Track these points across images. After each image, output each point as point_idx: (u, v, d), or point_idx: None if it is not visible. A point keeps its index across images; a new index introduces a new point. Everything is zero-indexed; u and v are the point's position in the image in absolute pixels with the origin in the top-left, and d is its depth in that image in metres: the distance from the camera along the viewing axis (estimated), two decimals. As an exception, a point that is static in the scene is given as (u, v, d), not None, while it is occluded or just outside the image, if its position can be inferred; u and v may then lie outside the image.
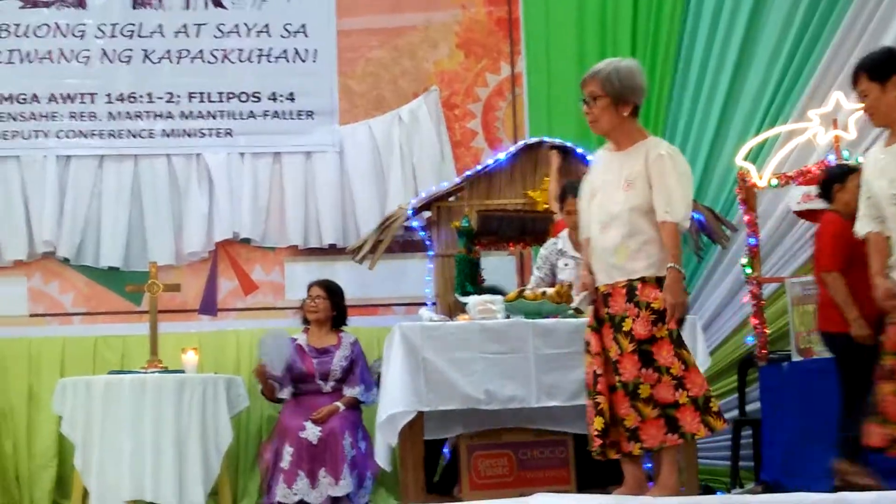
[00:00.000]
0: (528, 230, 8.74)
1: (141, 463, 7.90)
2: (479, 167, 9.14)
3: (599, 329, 6.05)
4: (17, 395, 9.06)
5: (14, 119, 9.42)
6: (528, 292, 7.30)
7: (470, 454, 7.20)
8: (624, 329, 5.85)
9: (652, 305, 5.82)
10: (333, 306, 8.62)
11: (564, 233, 7.99)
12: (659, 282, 5.85)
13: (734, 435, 8.49)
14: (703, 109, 9.57)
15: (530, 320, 7.07)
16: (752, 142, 8.83)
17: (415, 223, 9.01)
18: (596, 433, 5.99)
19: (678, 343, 5.84)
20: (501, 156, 9.11)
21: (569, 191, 7.96)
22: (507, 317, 7.18)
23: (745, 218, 8.41)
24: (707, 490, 8.07)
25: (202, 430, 8.08)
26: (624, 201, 5.94)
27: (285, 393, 8.39)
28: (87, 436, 8.02)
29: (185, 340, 8.84)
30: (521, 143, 9.22)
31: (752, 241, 8.36)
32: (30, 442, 8.99)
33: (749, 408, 8.65)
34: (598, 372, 6.00)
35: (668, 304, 5.78)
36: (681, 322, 5.92)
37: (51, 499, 8.88)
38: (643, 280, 5.87)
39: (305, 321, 8.68)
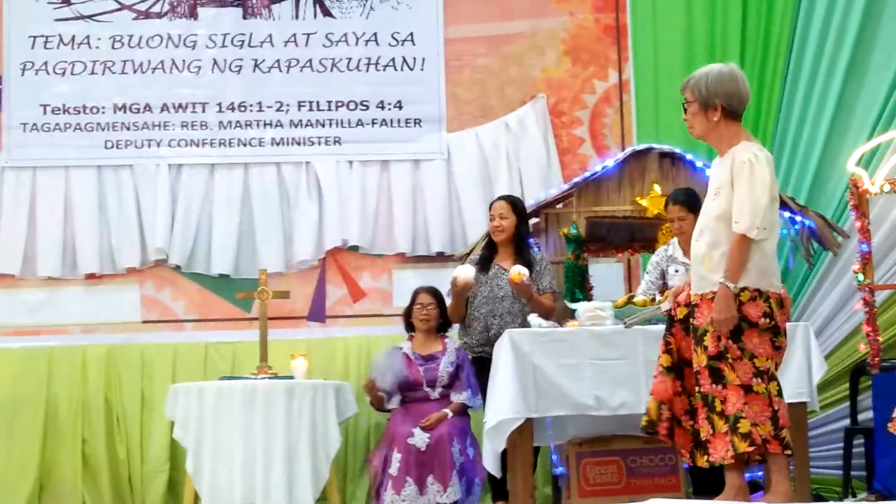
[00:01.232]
0: (636, 237, 8.75)
1: (251, 468, 7.98)
2: (586, 174, 9.11)
3: (670, 333, 6.04)
4: (130, 401, 9.20)
5: (127, 128, 9.57)
6: (637, 299, 7.28)
7: (579, 461, 7.20)
8: (704, 343, 5.80)
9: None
10: (441, 313, 8.64)
11: (675, 239, 7.98)
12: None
13: (846, 444, 8.38)
14: (814, 114, 9.44)
15: (640, 326, 7.05)
16: (865, 147, 8.71)
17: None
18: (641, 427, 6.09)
19: (734, 359, 5.76)
20: (609, 162, 9.09)
21: (671, 198, 7.95)
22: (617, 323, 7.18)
23: (857, 224, 8.29)
24: (818, 499, 7.99)
25: (311, 436, 8.13)
26: (711, 210, 5.92)
27: (393, 403, 8.42)
28: (198, 441, 8.12)
29: (294, 347, 8.88)
30: (628, 149, 9.19)
31: (864, 247, 8.25)
32: (143, 447, 9.13)
33: (861, 416, 8.53)
34: (654, 375, 6.06)
35: (714, 320, 5.73)
36: (774, 331, 5.83)
37: (163, 503, 9.00)
38: None
39: (409, 328, 8.71)
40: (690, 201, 7.71)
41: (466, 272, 8.10)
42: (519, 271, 7.86)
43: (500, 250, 8.36)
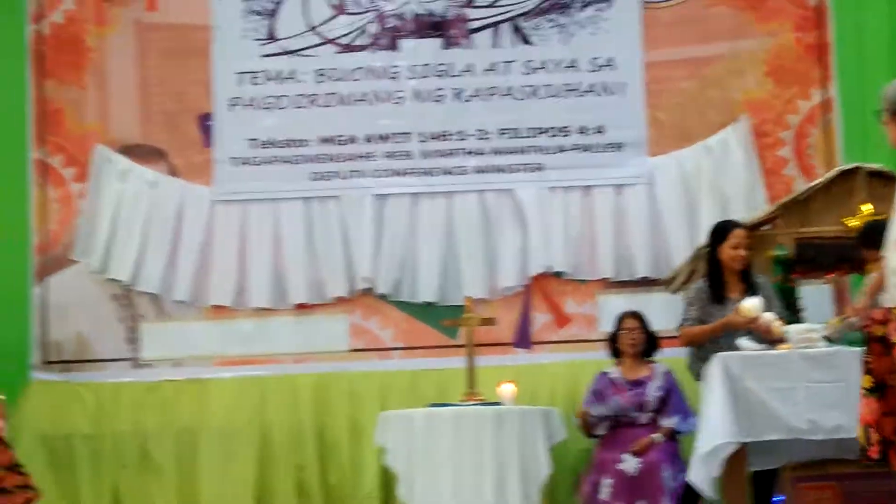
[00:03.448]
0: (845, 258, 8.58)
1: (462, 494, 8.02)
2: (792, 195, 9.00)
3: (871, 351, 5.92)
4: (339, 429, 9.33)
5: (332, 160, 9.73)
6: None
7: (794, 486, 7.11)
8: None
9: None
10: (647, 337, 8.62)
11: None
12: None
13: None
14: None
15: (854, 348, 6.94)
16: None
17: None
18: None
19: None
20: (815, 183, 8.96)
21: (861, 240, 7.73)
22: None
23: None
24: None
25: (521, 462, 8.13)
26: None
27: (602, 429, 8.42)
28: (409, 467, 8.19)
29: (500, 373, 8.92)
30: (835, 169, 9.04)
31: None
32: (353, 474, 9.24)
33: None
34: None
35: None
36: None
37: (375, 529, 9.13)
38: None
39: (615, 353, 8.69)
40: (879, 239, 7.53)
41: (757, 308, 7.74)
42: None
43: (728, 278, 8.20)
